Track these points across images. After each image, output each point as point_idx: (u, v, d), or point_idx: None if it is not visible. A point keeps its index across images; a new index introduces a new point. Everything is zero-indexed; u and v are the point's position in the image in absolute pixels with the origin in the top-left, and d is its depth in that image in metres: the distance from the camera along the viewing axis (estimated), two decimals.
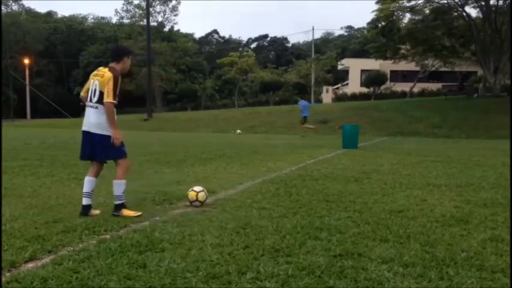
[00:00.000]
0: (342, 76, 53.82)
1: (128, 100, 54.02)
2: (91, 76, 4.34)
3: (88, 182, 4.29)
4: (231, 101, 52.12)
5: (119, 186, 4.28)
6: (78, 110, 53.66)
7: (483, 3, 29.82)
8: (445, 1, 31.53)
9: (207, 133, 25.96)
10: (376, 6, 32.72)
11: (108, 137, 4.18)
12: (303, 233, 3.60)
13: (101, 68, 4.34)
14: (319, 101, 43.06)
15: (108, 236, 3.47)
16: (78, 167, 7.93)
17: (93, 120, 4.18)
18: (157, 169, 7.92)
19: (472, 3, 30.76)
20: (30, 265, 2.83)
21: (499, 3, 30.10)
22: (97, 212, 4.27)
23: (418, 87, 42.16)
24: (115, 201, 4.28)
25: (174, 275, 2.66)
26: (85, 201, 4.22)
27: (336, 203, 4.88)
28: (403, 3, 32.39)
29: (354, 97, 43.60)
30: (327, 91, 45.69)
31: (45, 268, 2.73)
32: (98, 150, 4.22)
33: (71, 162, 8.66)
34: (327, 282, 2.60)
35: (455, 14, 32.14)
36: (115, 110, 4.19)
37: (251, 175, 7.24)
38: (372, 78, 41.98)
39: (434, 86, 41.36)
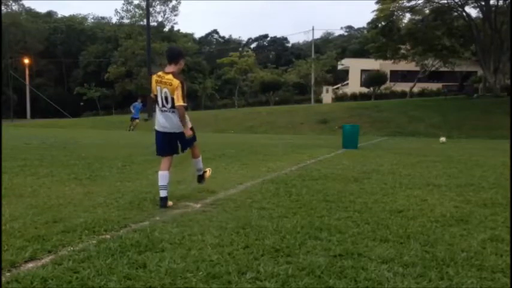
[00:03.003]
0: (342, 76, 53.81)
1: (128, 100, 54.07)
2: (156, 82, 4.71)
3: (163, 176, 4.77)
4: (231, 101, 52.08)
5: (198, 163, 5.29)
6: (78, 110, 53.85)
7: (483, 3, 29.83)
8: (445, 1, 31.56)
9: (207, 133, 25.96)
10: (376, 6, 32.77)
11: (183, 132, 4.79)
12: (303, 233, 3.60)
13: (162, 74, 4.69)
14: None
15: (108, 236, 3.47)
16: (78, 167, 7.93)
17: (175, 122, 4.73)
18: (157, 169, 7.90)
19: (472, 3, 30.78)
20: (30, 265, 2.83)
21: (499, 3, 30.12)
22: (171, 203, 4.72)
23: (418, 87, 42.13)
24: (198, 173, 5.39)
25: (174, 275, 2.66)
26: (162, 193, 4.66)
27: (336, 203, 4.88)
28: (403, 3, 32.42)
29: (354, 97, 43.59)
30: (327, 91, 45.68)
31: (45, 268, 2.72)
32: (184, 143, 4.93)
33: (71, 162, 8.66)
34: (327, 282, 2.60)
35: (455, 14, 32.15)
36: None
37: (251, 175, 7.23)
38: (372, 78, 41.96)
39: (434, 86, 41.34)
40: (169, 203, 4.70)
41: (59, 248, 3.17)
